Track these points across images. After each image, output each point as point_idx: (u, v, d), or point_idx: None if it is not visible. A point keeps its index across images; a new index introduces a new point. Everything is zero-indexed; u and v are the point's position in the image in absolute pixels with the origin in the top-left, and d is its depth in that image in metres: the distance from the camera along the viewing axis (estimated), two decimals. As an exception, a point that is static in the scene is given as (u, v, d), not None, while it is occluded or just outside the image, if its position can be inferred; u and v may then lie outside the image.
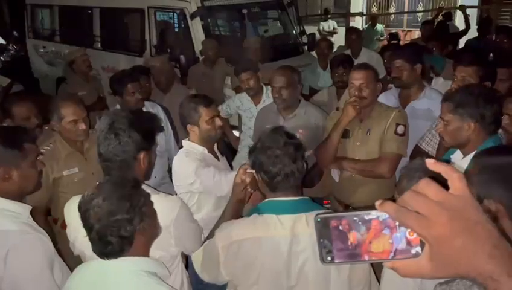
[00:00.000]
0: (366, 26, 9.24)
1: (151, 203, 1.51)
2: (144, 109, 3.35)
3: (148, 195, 1.52)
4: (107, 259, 1.41)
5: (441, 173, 0.58)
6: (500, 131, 2.20)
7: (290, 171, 1.64)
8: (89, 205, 1.39)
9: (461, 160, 2.06)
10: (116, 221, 1.38)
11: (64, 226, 2.35)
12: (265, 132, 1.78)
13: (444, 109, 2.08)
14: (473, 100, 1.99)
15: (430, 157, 2.46)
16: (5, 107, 3.04)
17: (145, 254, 1.49)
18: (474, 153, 1.98)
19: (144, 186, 1.59)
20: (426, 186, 0.57)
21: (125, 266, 1.41)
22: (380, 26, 9.04)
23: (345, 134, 2.63)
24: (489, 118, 1.99)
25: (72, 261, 1.84)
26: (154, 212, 1.53)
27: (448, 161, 2.15)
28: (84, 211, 1.41)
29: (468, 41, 6.44)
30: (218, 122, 2.42)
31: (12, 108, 2.97)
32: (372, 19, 9.11)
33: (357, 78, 2.56)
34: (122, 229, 1.38)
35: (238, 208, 1.93)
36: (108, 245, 1.38)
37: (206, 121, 2.38)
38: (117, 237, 1.38)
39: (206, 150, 2.42)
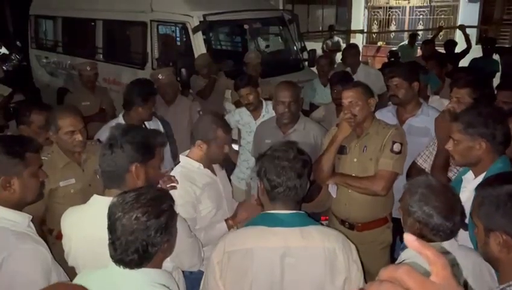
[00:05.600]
0: (404, 44, 9.07)
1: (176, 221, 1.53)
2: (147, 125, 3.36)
3: (177, 214, 1.53)
4: (122, 267, 1.41)
5: (421, 256, 0.54)
6: None
7: (293, 185, 1.65)
8: (125, 213, 1.38)
9: (473, 180, 2.08)
10: (148, 237, 1.38)
11: (59, 237, 2.33)
12: (276, 143, 1.80)
13: (453, 128, 2.11)
14: (483, 120, 2.02)
15: (426, 173, 2.46)
16: (22, 113, 3.06)
17: (159, 267, 1.50)
18: (485, 173, 2.01)
19: None
20: (406, 275, 0.51)
21: (140, 277, 1.42)
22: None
23: (342, 150, 2.65)
24: (499, 137, 2.02)
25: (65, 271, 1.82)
26: (176, 232, 1.54)
27: (460, 182, 2.16)
28: (116, 218, 1.39)
29: (473, 61, 6.48)
30: (226, 149, 2.43)
31: (32, 115, 2.99)
32: (412, 38, 8.91)
33: (346, 97, 2.59)
34: (150, 247, 1.40)
35: None
36: (130, 256, 1.39)
37: (218, 145, 2.38)
38: (141, 252, 1.39)
39: (201, 166, 2.40)
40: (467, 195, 1.98)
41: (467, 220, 1.85)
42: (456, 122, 2.10)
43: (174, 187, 2.00)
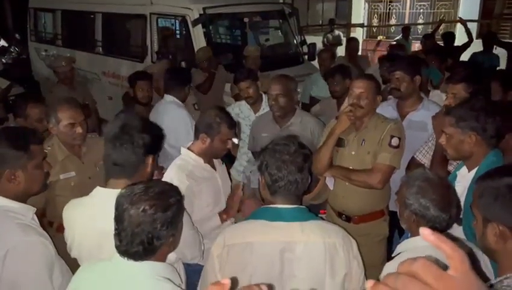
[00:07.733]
0: (400, 38, 9.04)
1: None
2: None
3: (184, 209, 1.54)
4: (126, 259, 1.42)
5: (440, 250, 0.52)
6: None
7: (294, 180, 1.64)
8: (132, 205, 1.38)
9: (467, 174, 2.09)
10: (154, 230, 1.39)
11: (59, 229, 2.35)
12: (277, 136, 1.79)
13: (445, 122, 2.12)
14: (474, 114, 2.02)
15: (425, 168, 2.46)
16: (19, 106, 3.04)
17: (163, 261, 1.50)
18: (477, 167, 2.02)
19: None
20: (423, 268, 0.49)
21: (143, 269, 1.42)
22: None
23: (341, 143, 2.66)
24: (490, 131, 2.02)
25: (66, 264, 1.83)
26: (182, 227, 1.55)
27: (455, 177, 2.17)
28: (124, 209, 1.39)
29: (473, 55, 6.46)
30: (229, 145, 2.43)
31: (27, 108, 2.97)
32: (405, 31, 8.82)
33: (358, 87, 2.57)
34: (155, 240, 1.40)
35: None
36: (135, 248, 1.39)
37: (221, 139, 2.38)
38: (146, 244, 1.39)
39: (201, 160, 2.40)
40: (460, 190, 2.00)
41: (461, 215, 1.86)
42: (448, 117, 2.12)
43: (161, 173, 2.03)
